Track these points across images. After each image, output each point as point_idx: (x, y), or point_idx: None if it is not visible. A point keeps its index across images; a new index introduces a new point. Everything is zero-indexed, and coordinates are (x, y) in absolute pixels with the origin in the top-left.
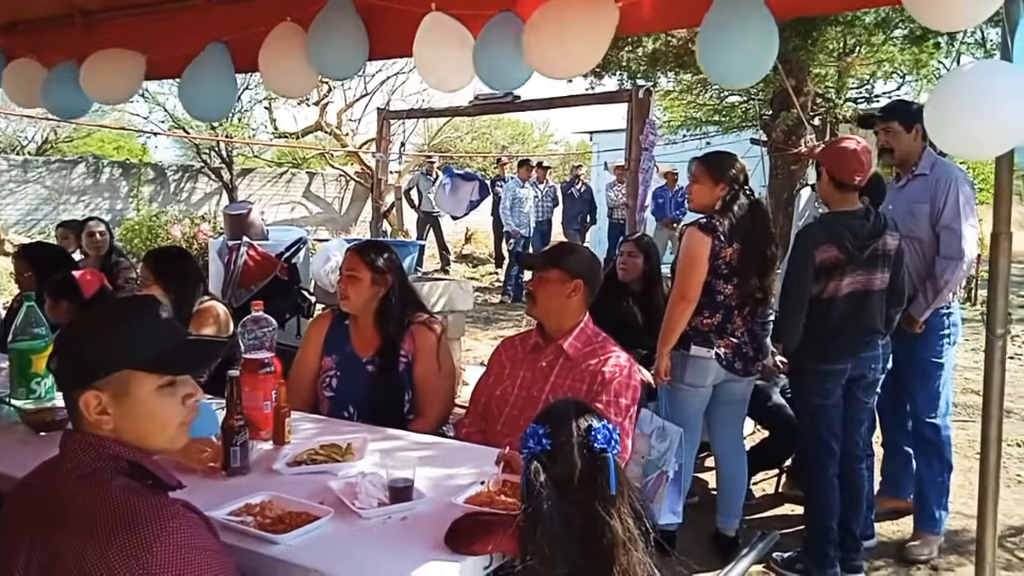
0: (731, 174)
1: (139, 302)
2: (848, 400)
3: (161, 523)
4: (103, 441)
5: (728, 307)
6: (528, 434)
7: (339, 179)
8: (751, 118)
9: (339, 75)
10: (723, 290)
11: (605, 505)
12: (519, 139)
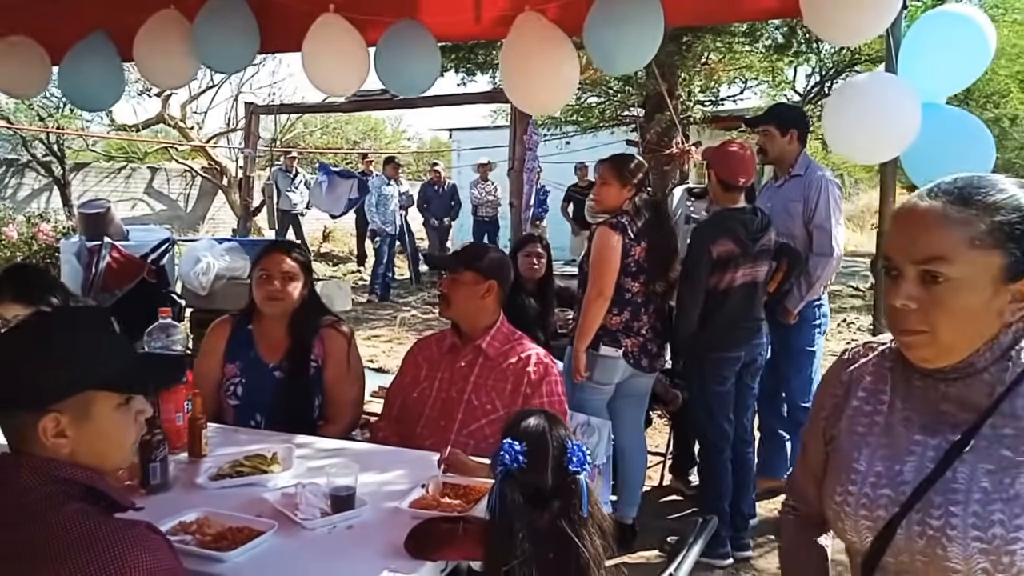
0: (638, 176)
1: (90, 315)
2: (738, 386)
3: (127, 547)
4: (55, 464)
5: (635, 304)
6: (504, 450)
7: (184, 175)
8: (608, 119)
9: (227, 68)
10: (631, 288)
11: (574, 525)
12: (371, 135)
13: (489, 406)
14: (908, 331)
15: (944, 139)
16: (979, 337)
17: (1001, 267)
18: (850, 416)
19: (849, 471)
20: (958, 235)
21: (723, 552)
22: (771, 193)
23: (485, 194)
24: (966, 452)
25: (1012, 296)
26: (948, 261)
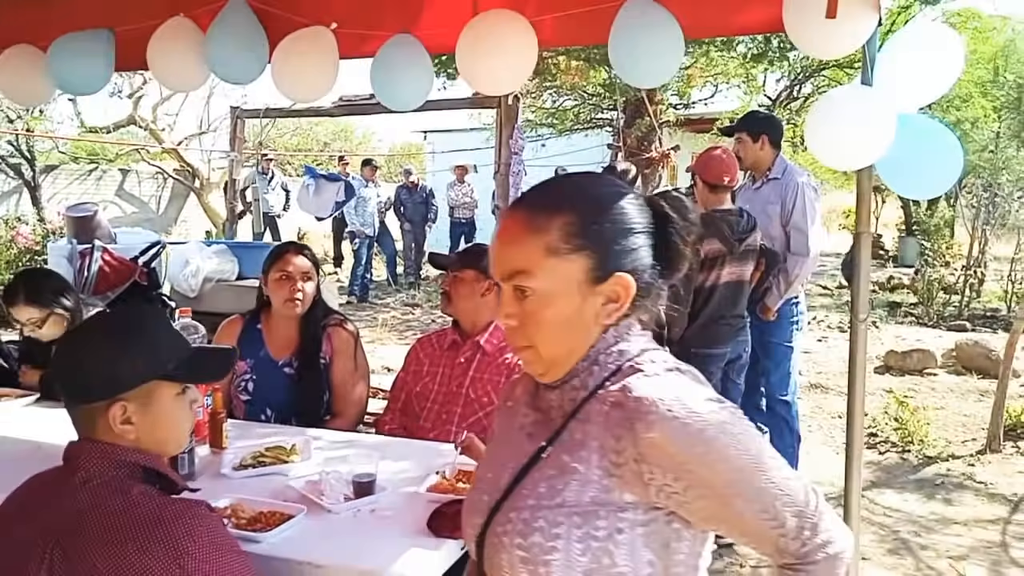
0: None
1: (154, 314)
2: (724, 382)
3: (192, 523)
4: (120, 449)
5: None
6: None
7: (156, 176)
8: (583, 121)
9: (237, 79)
10: None
11: None
12: (341, 136)
13: (486, 399)
14: (516, 348)
15: (917, 147)
16: (581, 345)
17: (585, 271)
18: (496, 424)
19: (479, 472)
20: (534, 245)
21: None
22: (748, 195)
23: (462, 196)
24: (543, 457)
25: (605, 298)
26: (530, 274)
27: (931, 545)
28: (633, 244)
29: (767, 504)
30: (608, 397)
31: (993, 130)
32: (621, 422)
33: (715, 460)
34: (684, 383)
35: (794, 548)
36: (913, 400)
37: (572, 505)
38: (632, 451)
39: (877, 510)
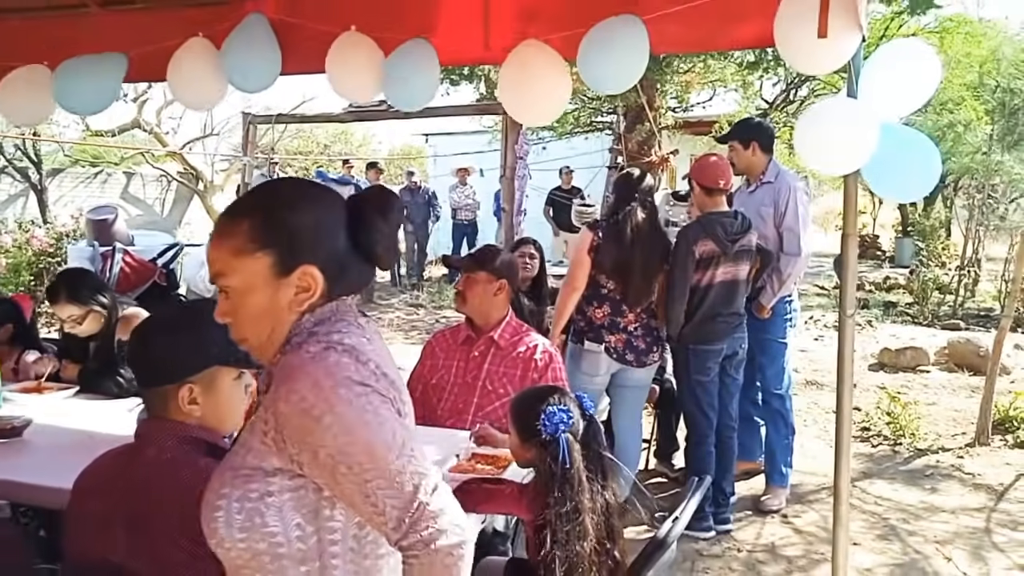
0: (633, 187)
1: (210, 308)
2: (722, 376)
3: None
4: (187, 427)
5: (614, 301)
6: (555, 416)
7: (160, 179)
8: (583, 124)
9: (253, 88)
10: (606, 284)
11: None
12: (341, 139)
13: (502, 390)
14: (238, 341)
15: (898, 153)
16: (278, 331)
17: (271, 266)
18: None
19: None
20: (225, 249)
21: (706, 526)
22: (743, 198)
23: (464, 198)
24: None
25: (296, 288)
26: (224, 275)
27: (919, 531)
28: (318, 238)
29: (369, 491)
30: (285, 361)
31: (986, 132)
32: (272, 394)
33: (323, 440)
34: (328, 364)
35: (395, 538)
36: (906, 396)
37: (237, 468)
38: (273, 421)
39: (868, 499)
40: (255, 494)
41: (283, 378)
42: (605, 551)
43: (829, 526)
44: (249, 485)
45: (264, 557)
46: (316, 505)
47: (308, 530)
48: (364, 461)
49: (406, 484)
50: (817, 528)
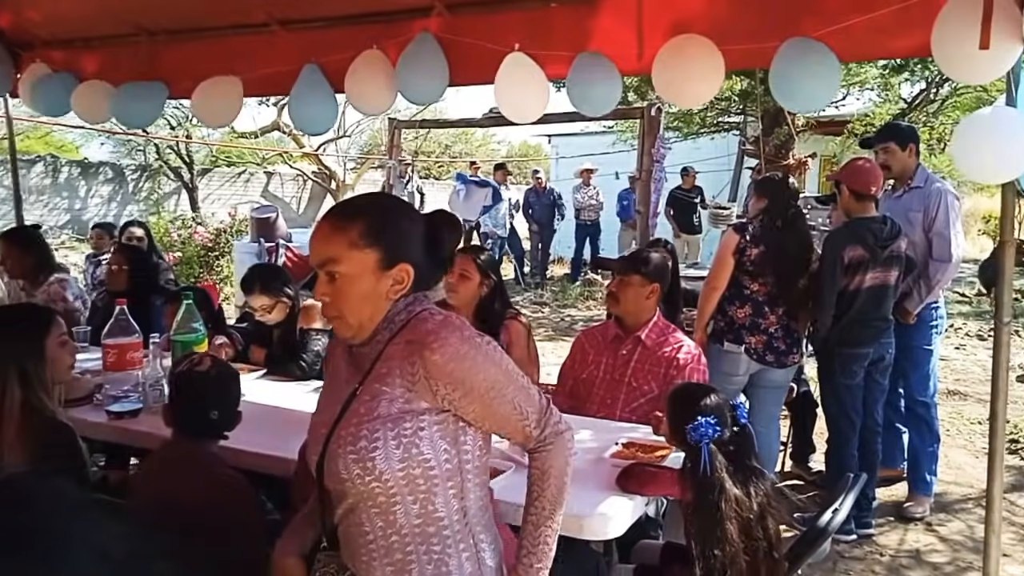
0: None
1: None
2: (868, 381)
3: None
4: None
5: (756, 302)
6: (703, 427)
7: (296, 179)
8: (708, 125)
9: (423, 100)
10: (750, 286)
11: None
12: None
13: (647, 387)
14: (330, 318)
15: None
16: (376, 314)
17: (377, 260)
18: (326, 379)
19: (312, 419)
20: (340, 240)
21: (847, 528)
22: (891, 204)
23: (587, 198)
24: (358, 391)
25: (393, 281)
26: (336, 262)
27: None
28: (413, 243)
29: (515, 405)
30: (402, 339)
31: None
32: (413, 351)
33: (476, 374)
34: (456, 324)
35: (537, 434)
36: None
37: (385, 416)
38: (422, 371)
39: (1018, 511)
40: (409, 430)
41: (425, 339)
42: (763, 551)
43: (975, 535)
44: (403, 425)
45: (419, 480)
46: (456, 433)
47: (452, 453)
48: (506, 384)
49: (534, 395)
50: (963, 537)
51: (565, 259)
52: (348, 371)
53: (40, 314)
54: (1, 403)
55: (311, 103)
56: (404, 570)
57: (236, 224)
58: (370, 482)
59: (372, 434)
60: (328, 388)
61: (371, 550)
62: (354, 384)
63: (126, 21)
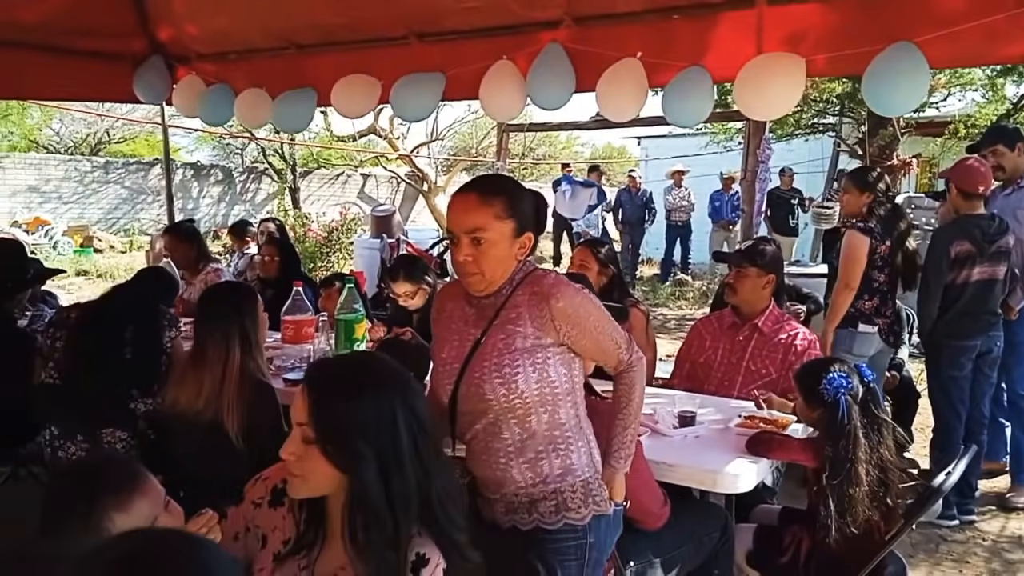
0: (881, 185)
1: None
2: (976, 373)
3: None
4: None
5: (882, 292)
6: (839, 381)
7: (390, 180)
8: (804, 126)
9: (552, 107)
10: (878, 279)
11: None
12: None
13: (764, 371)
14: (469, 274)
15: None
16: (506, 272)
17: (513, 229)
18: (442, 329)
19: (439, 357)
20: (488, 211)
21: (949, 514)
22: (1000, 202)
23: (679, 200)
24: (488, 331)
25: (519, 246)
26: (484, 229)
27: None
28: (530, 218)
29: (613, 337)
30: (526, 291)
31: None
32: (540, 299)
33: (588, 316)
34: (566, 281)
35: (626, 358)
36: None
37: (521, 348)
38: (549, 315)
39: None
40: (540, 359)
41: (550, 291)
42: (878, 498)
43: None
44: (535, 355)
45: (548, 396)
46: (570, 361)
47: (567, 376)
48: (607, 322)
49: (621, 330)
50: None
51: (653, 260)
52: (470, 317)
53: (250, 289)
54: (225, 364)
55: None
56: (537, 464)
57: (347, 223)
58: (513, 399)
59: (514, 362)
60: (446, 332)
61: (509, 453)
62: (482, 326)
63: (279, 36)
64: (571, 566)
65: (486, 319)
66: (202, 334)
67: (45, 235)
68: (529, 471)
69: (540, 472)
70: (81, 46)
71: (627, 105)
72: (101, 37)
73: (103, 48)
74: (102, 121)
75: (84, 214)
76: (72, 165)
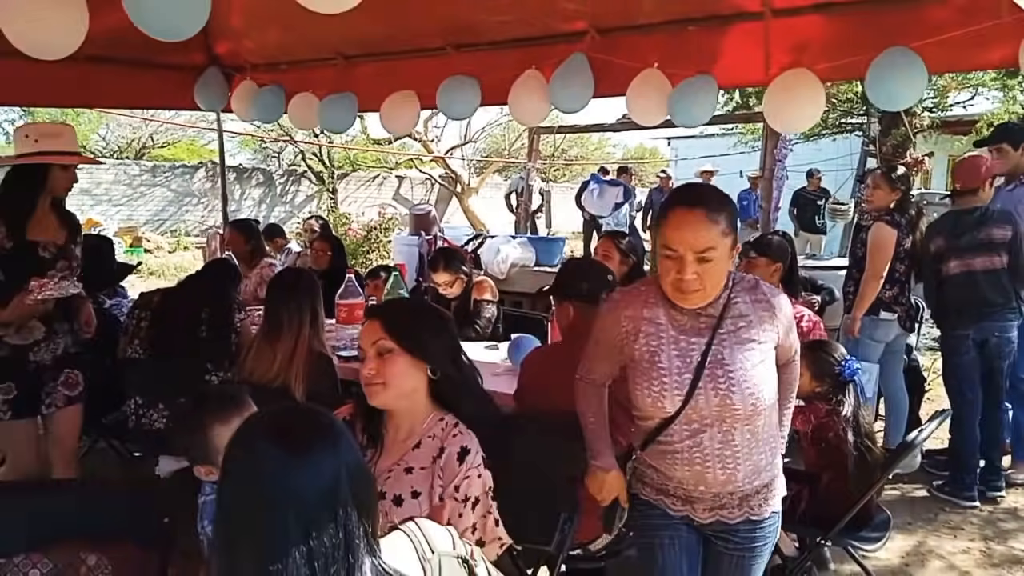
0: (903, 183)
1: None
2: (982, 360)
3: None
4: None
5: (901, 282)
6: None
7: (425, 182)
8: (830, 126)
9: (571, 110)
10: (899, 269)
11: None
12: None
13: None
14: (691, 291)
15: None
16: (723, 283)
17: (732, 243)
18: (644, 337)
19: (656, 368)
20: (717, 230)
21: (968, 495)
22: (1003, 196)
23: None
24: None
25: (734, 255)
26: (714, 248)
27: None
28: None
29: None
30: (743, 298)
31: None
32: (764, 302)
33: (789, 318)
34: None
35: (795, 349)
36: None
37: (757, 354)
38: (772, 316)
39: None
40: (769, 362)
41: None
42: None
43: None
44: (767, 359)
45: (773, 400)
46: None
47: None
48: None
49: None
50: None
51: None
52: (685, 326)
53: (311, 274)
54: (297, 339)
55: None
56: (757, 467)
57: (385, 222)
58: (752, 404)
59: (753, 368)
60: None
61: (737, 457)
62: (705, 335)
63: (328, 48)
64: (767, 550)
65: (708, 328)
66: (277, 312)
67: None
68: (752, 470)
69: (759, 470)
70: (149, 59)
71: (653, 110)
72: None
73: (168, 61)
74: (146, 126)
75: (133, 216)
76: (121, 169)
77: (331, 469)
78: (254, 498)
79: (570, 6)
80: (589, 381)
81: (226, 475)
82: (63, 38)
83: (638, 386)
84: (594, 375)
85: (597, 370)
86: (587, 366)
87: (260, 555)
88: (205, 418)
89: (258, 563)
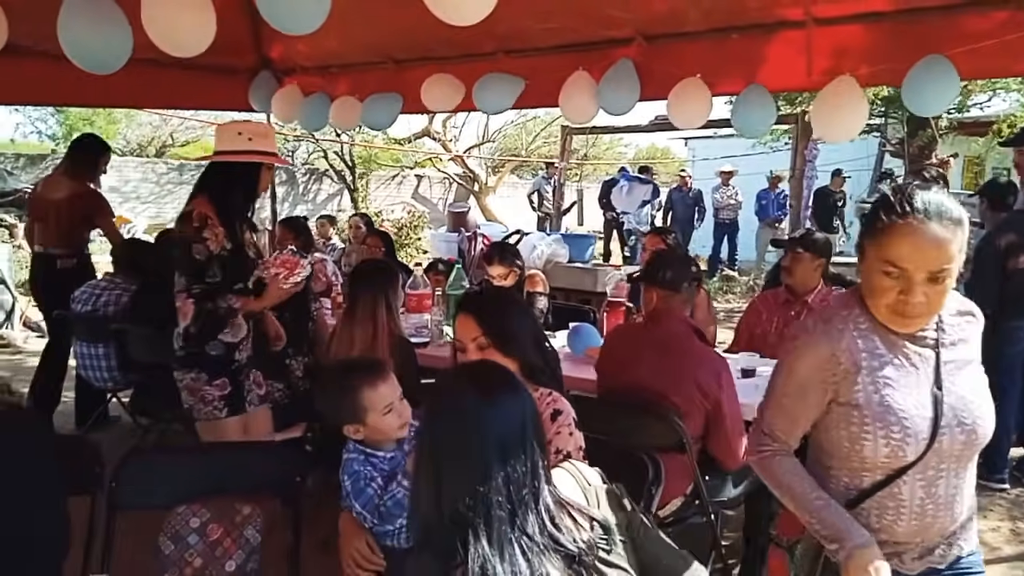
0: (946, 183)
1: None
2: None
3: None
4: (688, 322)
5: None
6: None
7: (443, 181)
8: None
9: (618, 112)
10: None
11: None
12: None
13: None
14: (918, 316)
15: None
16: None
17: (963, 260)
18: (868, 374)
19: (891, 411)
20: (954, 248)
21: (998, 478)
22: None
23: (726, 198)
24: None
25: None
26: (949, 267)
27: None
28: None
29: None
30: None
31: None
32: (974, 320)
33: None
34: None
35: None
36: None
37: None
38: (977, 328)
39: None
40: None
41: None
42: None
43: None
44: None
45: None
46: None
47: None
48: None
49: None
50: None
51: (701, 257)
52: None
53: (389, 264)
54: (375, 324)
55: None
56: (965, 506)
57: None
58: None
59: (985, 392)
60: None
61: (961, 498)
62: (930, 363)
63: (379, 52)
64: None
65: (931, 353)
66: (356, 297)
67: (128, 232)
68: (970, 506)
69: (971, 502)
70: (204, 62)
71: (695, 116)
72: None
73: (222, 63)
74: (166, 125)
75: (160, 213)
76: (149, 167)
77: (518, 411)
78: (463, 433)
79: (617, 13)
80: (783, 453)
81: (437, 416)
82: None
83: (868, 434)
84: (790, 439)
85: (795, 431)
86: (778, 427)
87: (469, 478)
88: (355, 382)
89: (468, 485)
